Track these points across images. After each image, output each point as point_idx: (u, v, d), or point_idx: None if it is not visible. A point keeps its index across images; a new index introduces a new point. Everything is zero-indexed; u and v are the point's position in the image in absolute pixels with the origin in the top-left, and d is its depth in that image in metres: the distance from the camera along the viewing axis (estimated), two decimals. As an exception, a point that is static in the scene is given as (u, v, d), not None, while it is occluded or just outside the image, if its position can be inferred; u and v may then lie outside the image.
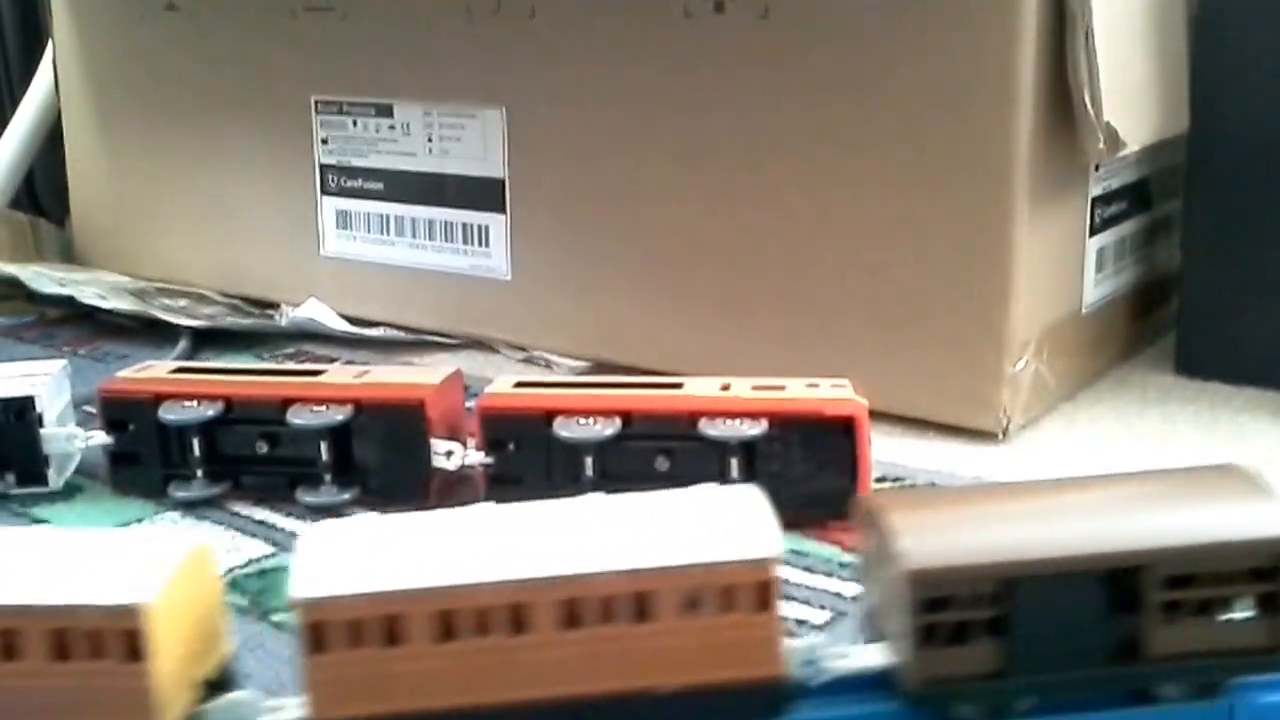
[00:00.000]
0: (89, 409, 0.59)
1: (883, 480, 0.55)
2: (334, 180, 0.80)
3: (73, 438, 0.56)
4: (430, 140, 0.75)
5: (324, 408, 0.54)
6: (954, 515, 0.35)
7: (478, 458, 0.53)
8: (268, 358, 0.77)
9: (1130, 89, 0.61)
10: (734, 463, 0.51)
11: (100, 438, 0.56)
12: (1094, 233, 0.65)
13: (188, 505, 0.55)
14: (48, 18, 0.94)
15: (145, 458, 0.56)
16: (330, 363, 0.73)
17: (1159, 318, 0.73)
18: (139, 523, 0.54)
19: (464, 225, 0.75)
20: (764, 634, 0.33)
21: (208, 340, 0.79)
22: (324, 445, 0.54)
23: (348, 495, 0.54)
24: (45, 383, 0.56)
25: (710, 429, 0.51)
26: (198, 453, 0.55)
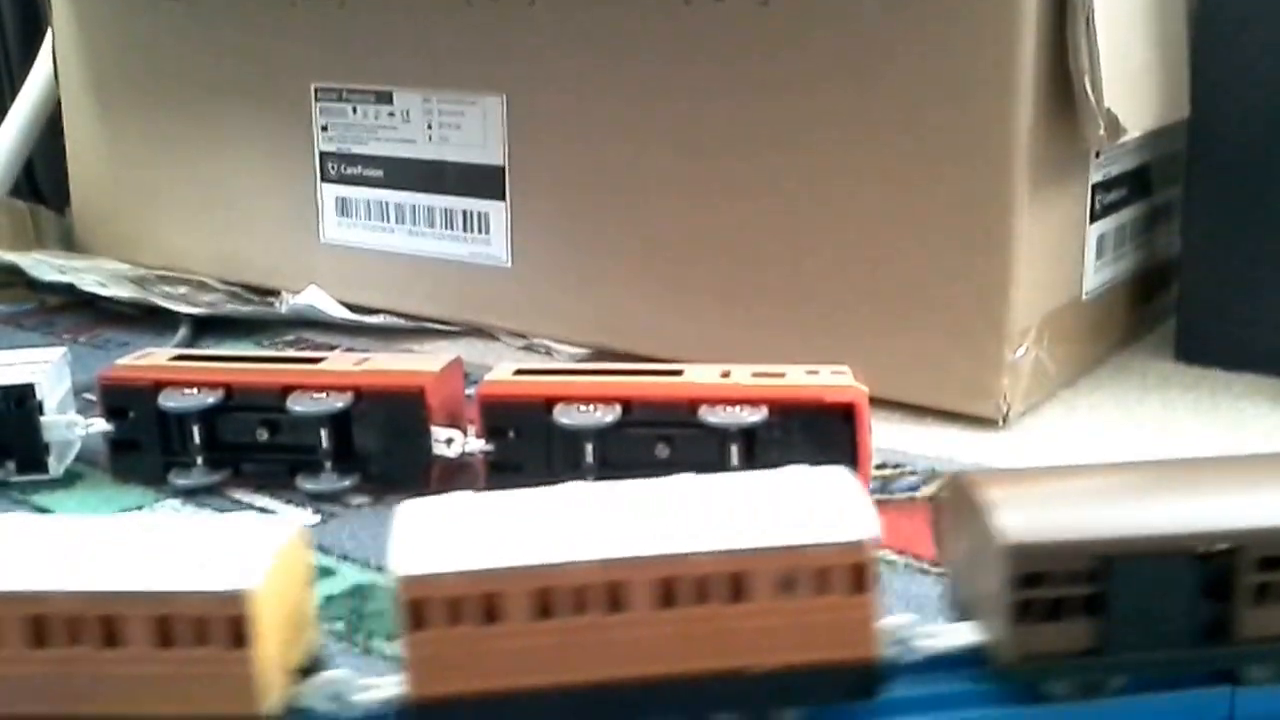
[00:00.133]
0: (89, 396, 0.59)
1: (883, 467, 0.55)
2: (334, 167, 0.80)
3: (73, 425, 0.56)
4: (430, 127, 0.75)
5: (324, 395, 0.54)
6: (1050, 492, 0.35)
7: (478, 445, 0.53)
8: (268, 345, 0.77)
9: (1131, 75, 0.61)
10: (734, 450, 0.51)
11: (100, 425, 0.56)
12: (1094, 219, 0.65)
13: (188, 493, 0.55)
14: (46, 6, 0.94)
15: (145, 445, 0.56)
16: (330, 350, 0.73)
17: (1159, 304, 0.73)
18: (139, 510, 0.54)
19: (464, 212, 0.75)
20: (859, 616, 0.33)
21: (208, 328, 0.79)
22: (324, 432, 0.54)
23: (348, 482, 0.54)
24: (45, 370, 0.56)
25: (710, 416, 0.51)
26: (198, 440, 0.55)
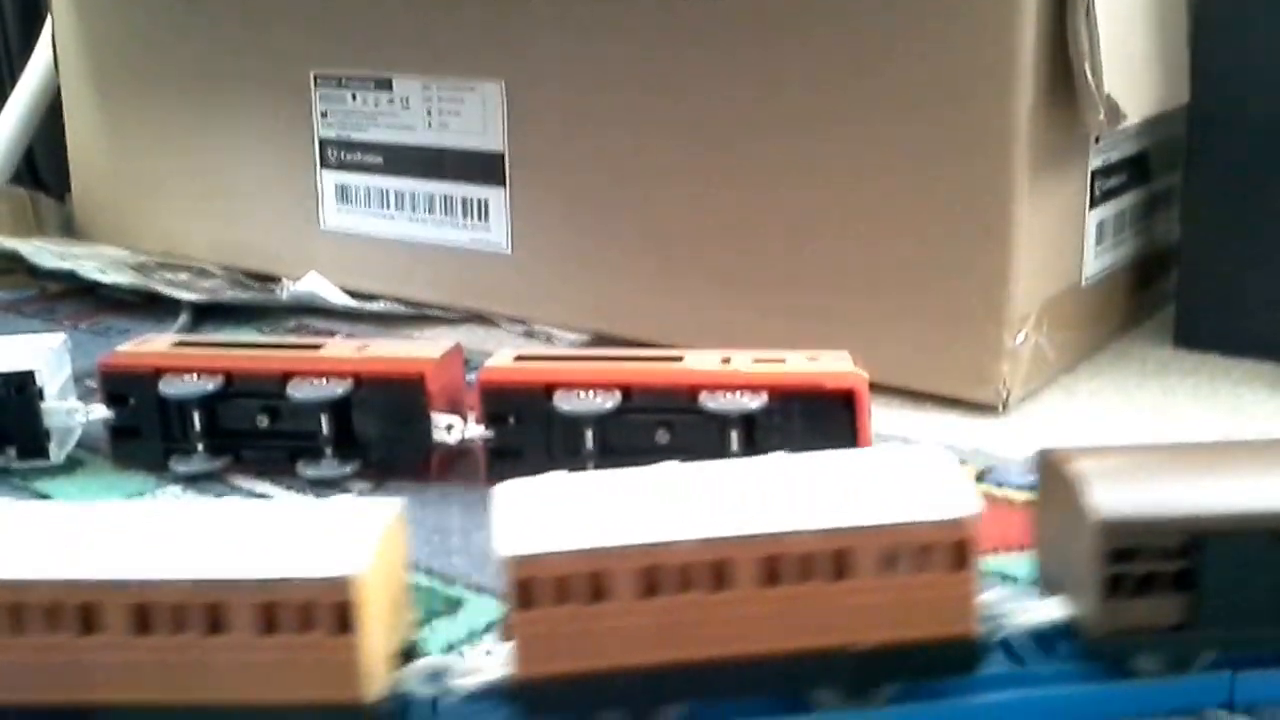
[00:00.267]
0: (90, 383, 0.59)
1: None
2: (333, 154, 0.80)
3: (73, 412, 0.56)
4: (429, 114, 0.75)
5: (324, 381, 0.54)
6: (1141, 469, 0.36)
7: (478, 431, 0.53)
8: (268, 331, 0.77)
9: (1131, 61, 0.61)
10: (734, 435, 0.51)
11: (101, 412, 0.56)
12: (1094, 205, 0.65)
13: (189, 479, 0.55)
14: (46, -8, 0.94)
15: (146, 432, 0.56)
16: (330, 336, 0.73)
17: (1158, 290, 0.73)
18: (140, 496, 0.54)
19: (464, 199, 0.75)
20: (960, 592, 0.34)
21: (208, 314, 0.79)
22: (324, 419, 0.54)
23: (348, 469, 0.54)
24: (46, 357, 0.56)
25: (710, 402, 0.51)
26: (198, 427, 0.55)
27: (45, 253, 0.85)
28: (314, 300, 0.79)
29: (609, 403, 0.51)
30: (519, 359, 0.54)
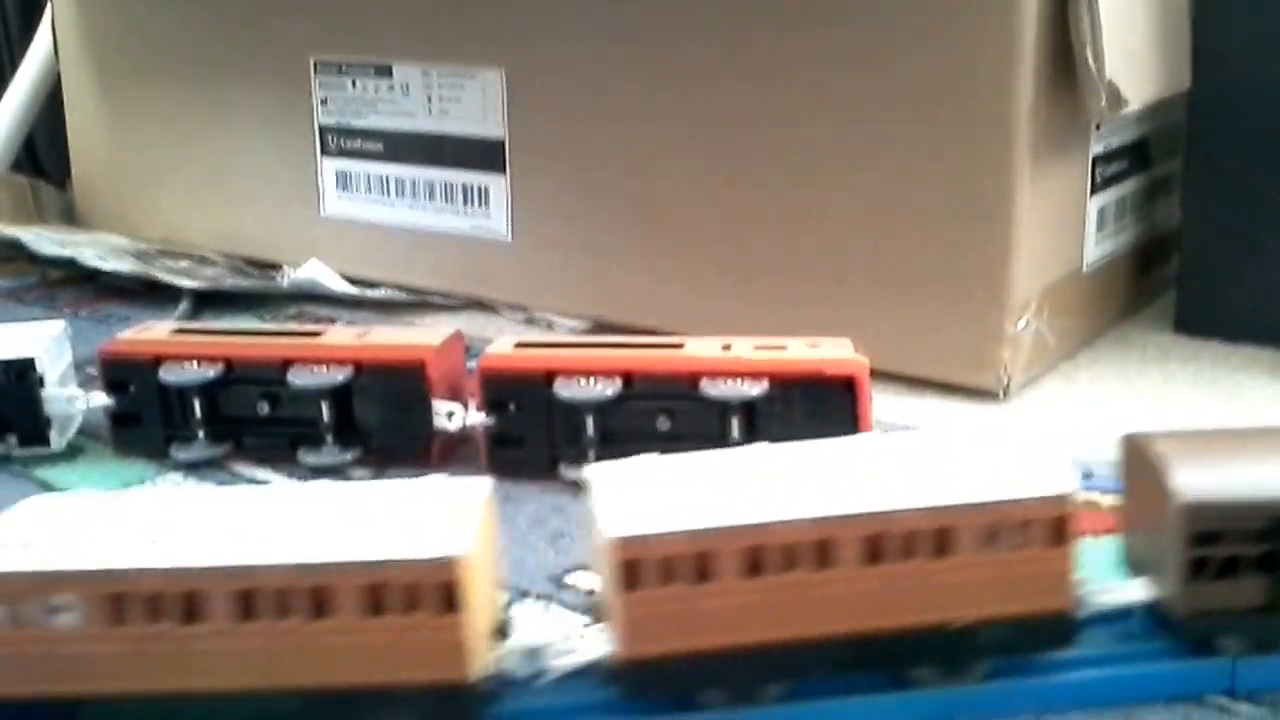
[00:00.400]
0: (90, 370, 0.59)
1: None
2: (334, 141, 0.80)
3: (74, 399, 0.56)
4: (429, 101, 0.75)
5: (324, 368, 0.54)
6: (1225, 452, 0.36)
7: (479, 418, 0.53)
8: (269, 319, 0.77)
9: (1132, 47, 0.61)
10: (735, 422, 0.51)
11: (101, 399, 0.56)
12: (1094, 192, 0.65)
13: (190, 466, 0.55)
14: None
15: (146, 419, 0.56)
16: (331, 323, 0.73)
17: (1159, 277, 0.73)
18: (141, 484, 0.54)
19: (464, 186, 0.75)
20: (1059, 568, 0.34)
21: (209, 301, 0.79)
22: (325, 406, 0.54)
23: (349, 456, 0.54)
24: (46, 344, 0.56)
25: (711, 389, 0.51)
26: (199, 414, 0.55)
27: (46, 240, 0.85)
28: (314, 287, 0.79)
29: (609, 390, 0.51)
30: (519, 346, 0.54)
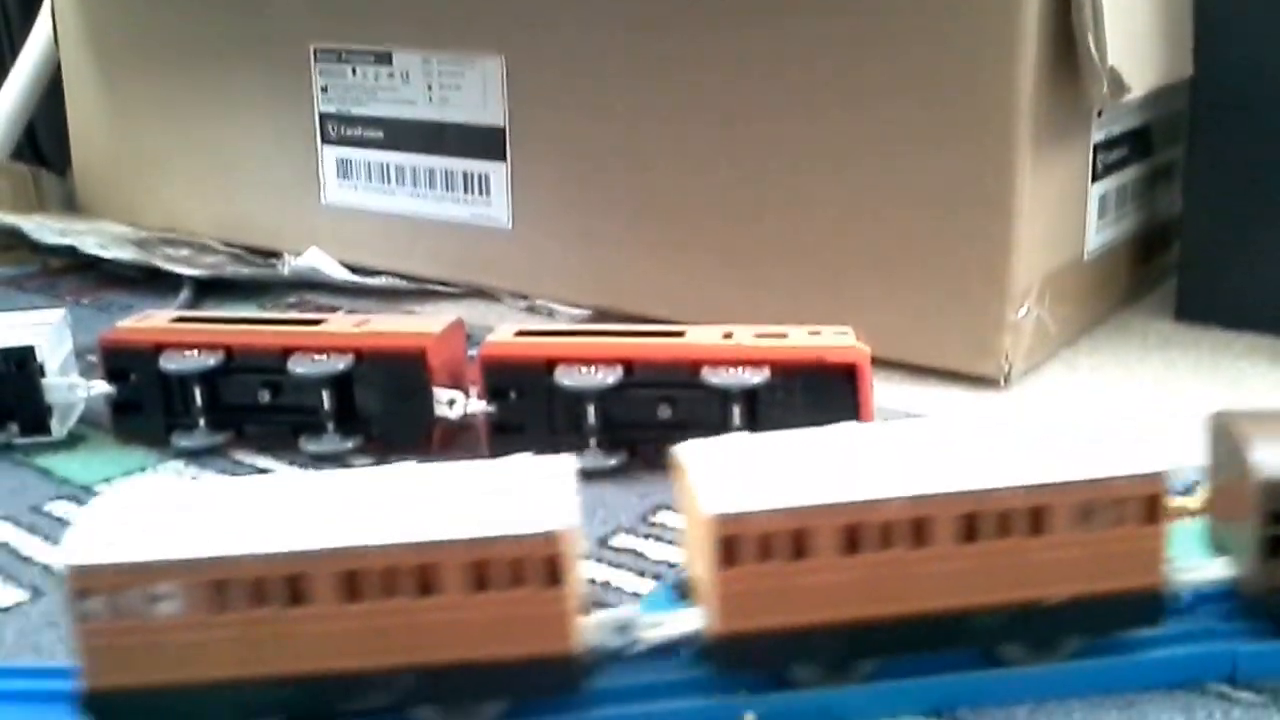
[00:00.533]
0: (91, 358, 0.59)
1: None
2: (334, 129, 0.79)
3: (75, 387, 0.56)
4: (430, 88, 0.75)
5: (325, 356, 0.54)
6: None
7: (480, 406, 0.53)
8: (269, 307, 0.77)
9: (1134, 34, 0.61)
10: (736, 410, 0.51)
11: (102, 387, 0.56)
12: (1096, 179, 0.65)
13: (191, 454, 0.55)
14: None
15: (148, 407, 0.56)
16: (332, 312, 0.73)
17: (1160, 264, 0.73)
18: (142, 471, 0.54)
19: (464, 173, 0.75)
20: (1152, 545, 0.35)
21: (210, 290, 0.79)
22: (326, 394, 0.54)
23: (350, 444, 0.54)
24: (47, 332, 0.56)
25: (712, 377, 0.51)
26: (200, 402, 0.55)
27: (46, 228, 0.85)
28: (315, 275, 0.79)
29: (610, 378, 0.51)
30: (520, 334, 0.54)
